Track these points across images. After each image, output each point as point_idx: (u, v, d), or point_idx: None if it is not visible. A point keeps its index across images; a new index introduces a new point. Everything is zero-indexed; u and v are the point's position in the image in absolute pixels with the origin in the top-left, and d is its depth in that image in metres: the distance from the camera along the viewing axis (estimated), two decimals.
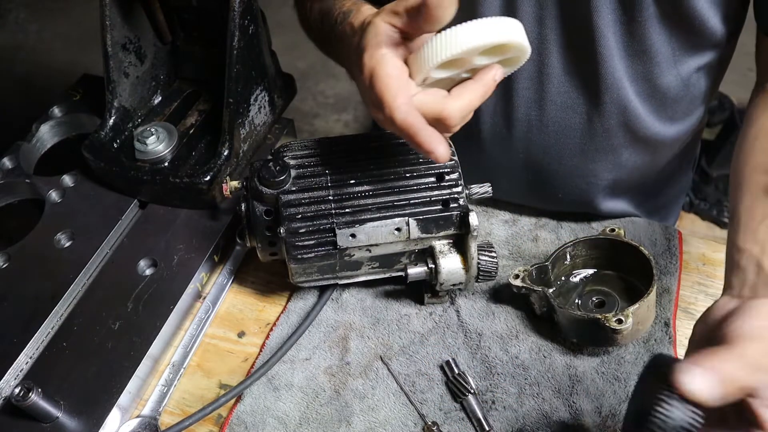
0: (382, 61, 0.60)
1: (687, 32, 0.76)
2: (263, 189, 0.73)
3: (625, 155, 0.87)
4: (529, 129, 0.85)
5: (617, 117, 0.82)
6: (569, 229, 0.89)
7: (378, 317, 0.80)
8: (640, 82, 0.80)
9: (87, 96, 0.99)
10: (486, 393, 0.73)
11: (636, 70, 0.79)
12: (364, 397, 0.74)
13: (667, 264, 0.83)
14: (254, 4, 0.82)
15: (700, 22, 0.75)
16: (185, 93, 0.96)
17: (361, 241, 0.73)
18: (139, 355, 0.74)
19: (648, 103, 0.82)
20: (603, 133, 0.84)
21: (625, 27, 0.75)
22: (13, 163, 0.92)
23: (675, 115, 0.86)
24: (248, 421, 0.72)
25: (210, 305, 0.83)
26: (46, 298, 0.78)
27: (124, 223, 0.87)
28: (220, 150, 0.84)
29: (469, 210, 0.72)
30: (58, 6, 2.93)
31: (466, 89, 0.61)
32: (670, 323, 0.77)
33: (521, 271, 0.77)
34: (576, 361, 0.75)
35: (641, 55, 0.77)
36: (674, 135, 0.88)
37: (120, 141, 0.89)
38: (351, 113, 2.45)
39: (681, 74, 0.81)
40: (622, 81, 0.79)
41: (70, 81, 1.02)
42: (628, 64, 0.78)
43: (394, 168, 0.74)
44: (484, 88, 0.61)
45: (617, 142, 0.85)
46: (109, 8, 0.82)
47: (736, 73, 1.03)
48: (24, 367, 0.74)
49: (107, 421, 0.70)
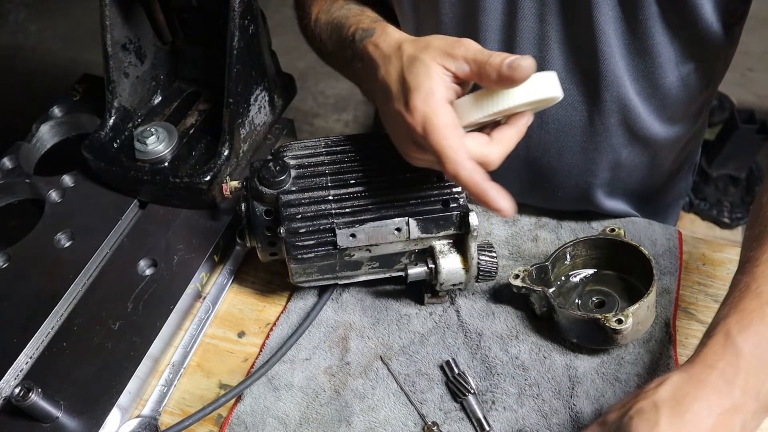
0: (437, 109, 0.61)
1: (689, 33, 0.76)
2: (263, 189, 0.73)
3: (625, 154, 0.86)
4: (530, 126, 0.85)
5: (617, 115, 0.82)
6: (569, 229, 0.89)
7: (378, 317, 0.80)
8: (640, 81, 0.80)
9: (87, 96, 0.99)
10: (486, 393, 0.73)
11: (637, 69, 0.79)
12: (364, 397, 0.74)
13: (667, 264, 0.83)
14: (254, 4, 0.82)
15: (702, 22, 0.75)
16: (185, 93, 0.96)
17: (361, 241, 0.73)
18: (139, 355, 0.74)
19: (648, 102, 0.82)
20: (603, 132, 0.84)
21: (626, 25, 0.75)
22: (13, 163, 0.92)
23: (675, 116, 0.86)
24: (248, 421, 0.72)
25: (210, 305, 0.83)
26: (46, 298, 0.78)
27: (124, 223, 0.87)
28: (220, 150, 0.84)
29: (469, 210, 0.72)
30: (58, 6, 2.93)
31: (505, 135, 0.65)
32: (670, 323, 0.77)
33: (521, 271, 0.77)
34: (576, 361, 0.75)
35: (643, 54, 0.77)
36: (674, 136, 0.88)
37: (120, 141, 0.89)
38: (351, 113, 2.45)
39: (682, 75, 0.80)
40: (622, 79, 0.79)
41: (70, 81, 1.02)
42: (629, 63, 0.78)
43: (394, 168, 0.74)
44: (519, 133, 0.65)
45: (617, 141, 0.85)
46: (109, 8, 0.82)
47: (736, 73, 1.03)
48: (24, 367, 0.74)
49: (107, 421, 0.70)
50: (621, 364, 0.74)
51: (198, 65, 0.96)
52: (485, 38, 0.79)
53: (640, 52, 0.77)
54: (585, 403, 0.72)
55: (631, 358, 0.75)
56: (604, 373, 0.74)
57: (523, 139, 0.86)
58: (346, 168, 0.74)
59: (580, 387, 0.73)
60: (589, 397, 0.72)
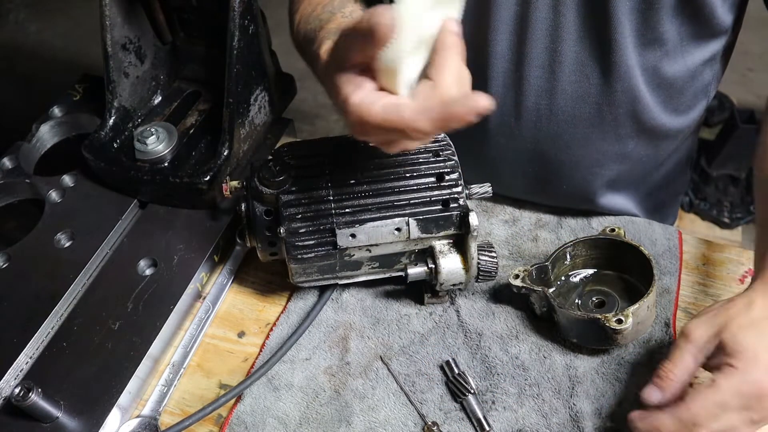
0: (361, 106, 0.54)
1: (696, 20, 0.77)
2: (263, 189, 0.73)
3: (631, 146, 0.87)
4: (539, 119, 0.85)
5: (626, 106, 0.82)
6: (569, 229, 0.89)
7: (378, 317, 0.80)
8: (649, 72, 0.81)
9: (87, 96, 0.99)
10: (486, 393, 0.73)
11: (646, 59, 0.79)
12: (364, 397, 0.74)
13: (667, 264, 0.83)
14: (254, 4, 0.82)
15: (708, 7, 0.76)
16: (185, 93, 0.96)
17: (361, 241, 0.73)
18: (139, 355, 0.74)
19: (656, 93, 0.83)
20: (611, 122, 0.84)
21: (641, 15, 0.75)
22: (13, 163, 0.92)
23: (680, 107, 0.87)
24: (248, 421, 0.72)
25: (210, 305, 0.83)
26: (46, 298, 0.78)
27: (124, 223, 0.87)
28: (220, 150, 0.84)
29: (469, 210, 0.72)
30: (58, 6, 2.93)
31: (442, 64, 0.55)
32: (670, 323, 0.77)
33: (521, 271, 0.77)
34: (576, 361, 0.75)
35: (653, 43, 0.78)
36: (678, 127, 0.89)
37: (120, 141, 0.89)
38: None
39: (687, 64, 0.82)
40: (633, 70, 0.79)
41: (70, 81, 1.02)
42: (640, 53, 0.79)
43: (394, 168, 0.74)
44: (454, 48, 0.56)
45: (624, 132, 0.85)
46: (109, 8, 0.82)
47: (736, 73, 1.03)
48: (24, 367, 0.74)
49: (107, 421, 0.70)
50: (621, 364, 0.74)
51: (198, 65, 0.96)
52: (497, 29, 0.80)
53: (650, 41, 0.78)
54: (585, 403, 0.72)
55: (631, 358, 0.75)
56: (604, 373, 0.74)
57: (532, 131, 0.87)
58: (346, 168, 0.74)
59: (580, 387, 0.73)
60: (589, 397, 0.72)
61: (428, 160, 0.75)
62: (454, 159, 0.75)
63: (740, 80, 1.34)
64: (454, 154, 0.75)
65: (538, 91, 0.83)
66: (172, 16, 0.92)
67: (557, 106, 0.83)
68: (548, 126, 0.85)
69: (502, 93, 0.84)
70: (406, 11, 0.51)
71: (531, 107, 0.84)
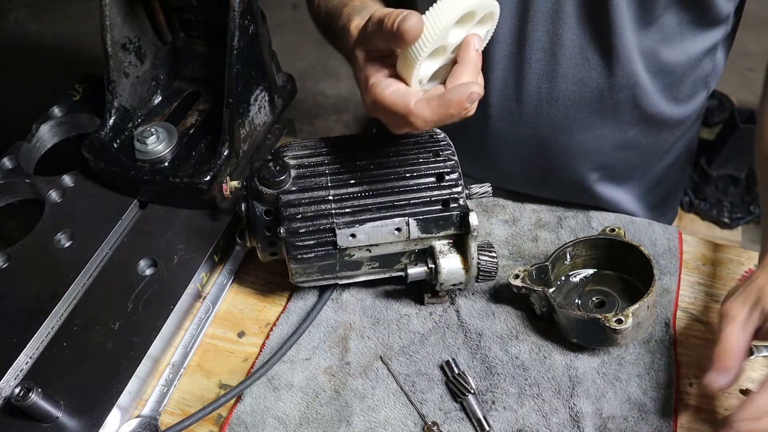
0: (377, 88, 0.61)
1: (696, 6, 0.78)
2: (263, 189, 0.73)
3: (631, 134, 0.87)
4: (540, 103, 0.85)
5: (627, 92, 0.82)
6: (569, 229, 0.89)
7: (378, 317, 0.80)
8: (649, 57, 0.81)
9: (87, 96, 0.99)
10: (486, 393, 0.73)
11: (645, 44, 0.80)
12: (364, 397, 0.74)
13: (667, 264, 0.83)
14: (254, 4, 0.82)
15: None
16: (185, 93, 0.96)
17: (361, 241, 0.73)
18: (139, 355, 0.74)
19: (656, 79, 0.83)
20: (612, 108, 0.84)
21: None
22: (13, 163, 0.92)
23: (680, 95, 0.87)
24: (248, 421, 0.72)
25: (210, 305, 0.83)
26: (46, 298, 0.78)
27: (124, 223, 0.87)
28: (220, 150, 0.84)
29: (469, 210, 0.72)
30: (58, 6, 2.93)
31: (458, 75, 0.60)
32: (670, 323, 0.77)
33: (521, 271, 0.77)
34: (576, 361, 0.75)
35: (650, 27, 0.78)
36: (677, 116, 0.89)
37: (120, 141, 0.89)
38: (351, 113, 2.45)
39: (688, 52, 0.82)
40: (633, 54, 0.79)
41: (70, 81, 1.02)
42: (639, 38, 0.79)
43: (394, 168, 0.74)
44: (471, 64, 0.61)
45: (624, 118, 0.85)
46: (109, 8, 0.82)
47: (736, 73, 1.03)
48: (24, 367, 0.74)
49: (107, 421, 0.70)
50: (621, 364, 0.74)
51: (198, 65, 0.96)
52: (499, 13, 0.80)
53: (648, 25, 0.78)
54: (585, 403, 0.72)
55: (631, 358, 0.75)
56: (604, 373, 0.74)
57: (533, 116, 0.87)
58: (346, 168, 0.74)
59: (580, 387, 0.73)
60: (590, 397, 0.72)
61: (428, 160, 0.75)
62: (454, 159, 0.75)
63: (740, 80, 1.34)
64: (454, 154, 0.75)
65: (539, 74, 0.83)
66: (172, 16, 0.92)
67: (558, 90, 0.83)
68: (549, 111, 0.85)
69: (503, 76, 0.85)
70: (435, 26, 0.57)
71: (532, 91, 0.84)
